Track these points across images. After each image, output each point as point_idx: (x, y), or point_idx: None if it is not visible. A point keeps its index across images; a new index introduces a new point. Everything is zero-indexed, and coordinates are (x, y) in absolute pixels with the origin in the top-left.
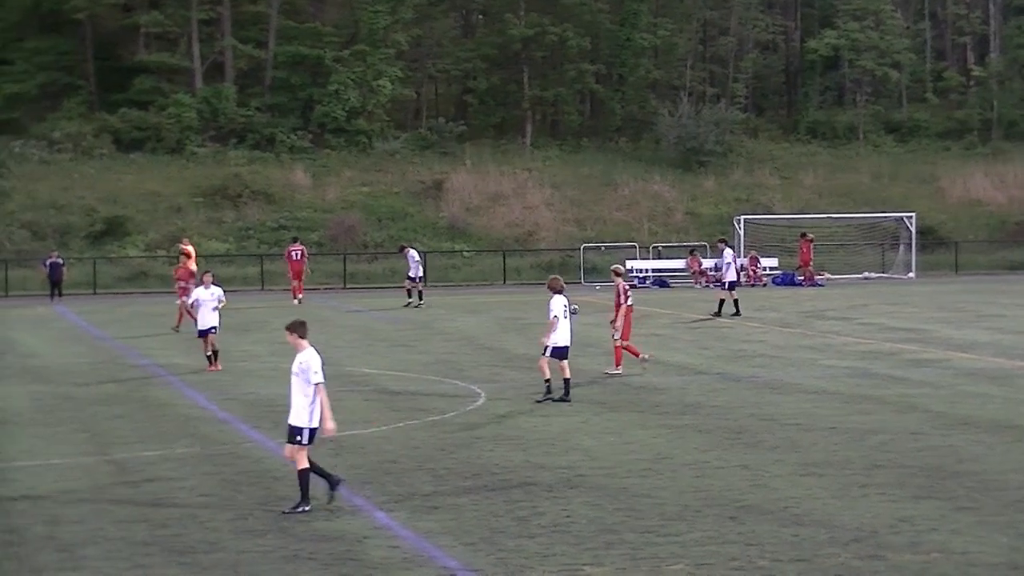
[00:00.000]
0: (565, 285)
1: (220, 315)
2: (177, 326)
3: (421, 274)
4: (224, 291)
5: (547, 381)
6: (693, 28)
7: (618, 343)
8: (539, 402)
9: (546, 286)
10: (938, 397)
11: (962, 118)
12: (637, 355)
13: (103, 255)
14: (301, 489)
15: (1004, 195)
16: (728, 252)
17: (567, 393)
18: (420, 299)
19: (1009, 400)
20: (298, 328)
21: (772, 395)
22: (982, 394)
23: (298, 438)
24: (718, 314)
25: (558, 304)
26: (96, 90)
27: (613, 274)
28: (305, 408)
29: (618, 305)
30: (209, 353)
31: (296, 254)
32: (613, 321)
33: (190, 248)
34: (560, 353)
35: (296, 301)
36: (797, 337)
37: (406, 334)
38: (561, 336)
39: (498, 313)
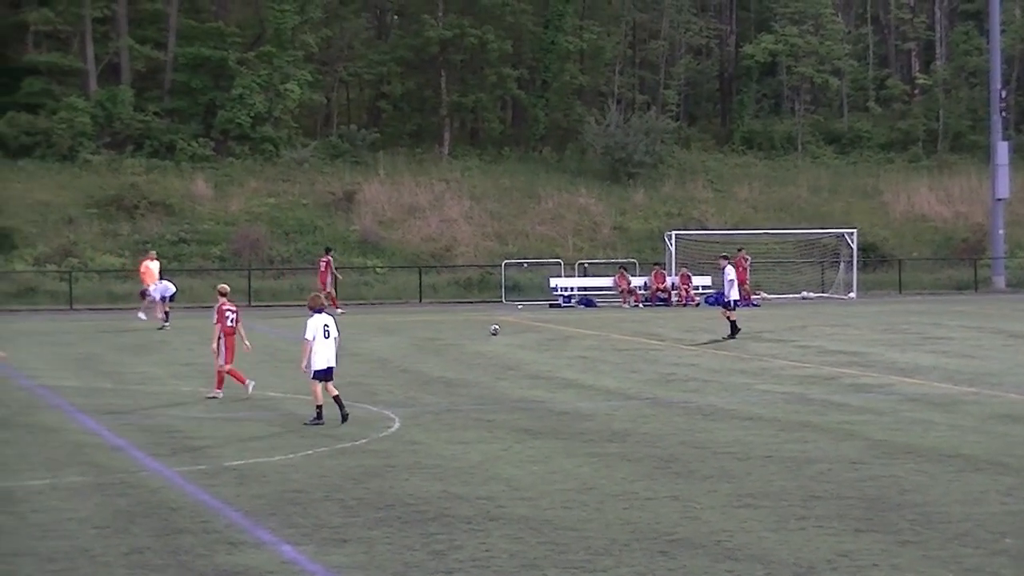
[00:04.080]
0: (325, 303)
1: None
2: None
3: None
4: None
5: (319, 406)
6: (622, 31)
7: (222, 368)
8: (306, 424)
9: (307, 305)
10: (880, 424)
11: (906, 128)
12: (219, 386)
13: None
14: None
15: (950, 210)
16: (729, 269)
17: (343, 408)
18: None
19: (954, 427)
20: None
21: (705, 422)
22: (926, 421)
23: None
24: (732, 335)
25: (314, 325)
26: None
27: (218, 294)
28: None
29: (225, 328)
30: None
31: (322, 265)
32: (215, 346)
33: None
34: (323, 375)
35: (340, 311)
36: (731, 360)
37: None
38: (321, 358)
39: (414, 333)
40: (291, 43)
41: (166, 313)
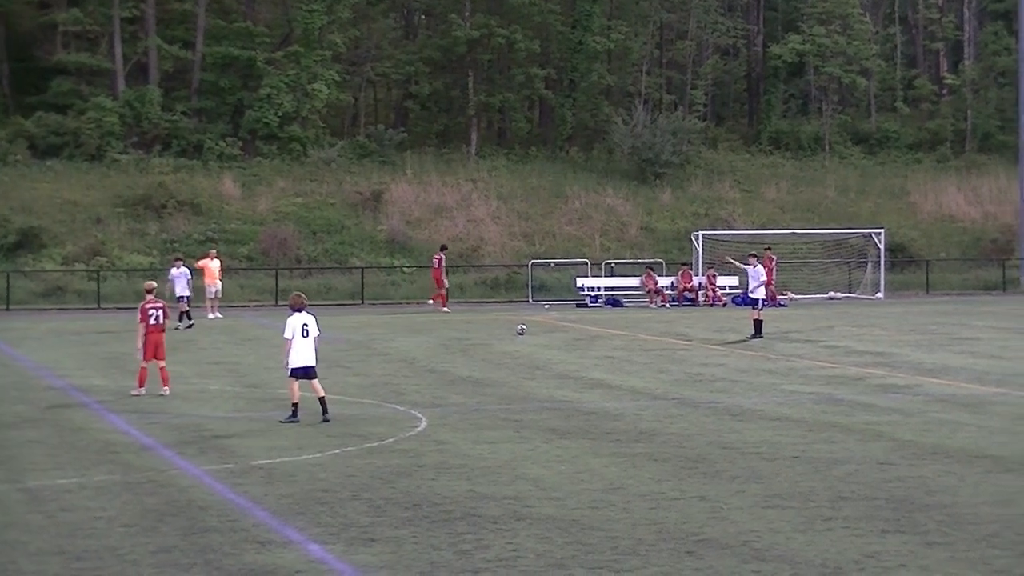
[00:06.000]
0: (307, 302)
1: None
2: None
3: (189, 293)
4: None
5: (294, 404)
6: (649, 31)
7: (143, 364)
8: (281, 422)
9: (288, 304)
10: (907, 425)
11: (934, 129)
12: (141, 384)
13: (16, 268)
14: None
15: (978, 210)
16: (759, 268)
17: (325, 412)
18: (189, 320)
19: (982, 428)
20: None
21: (732, 422)
22: (954, 422)
23: None
24: (756, 335)
25: (293, 323)
26: (10, 92)
27: (145, 291)
28: None
29: (149, 327)
30: None
31: (435, 262)
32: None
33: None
34: (301, 373)
35: (445, 309)
36: (759, 360)
37: (342, 355)
38: (299, 356)
39: (441, 333)
40: (319, 43)
41: (184, 313)
